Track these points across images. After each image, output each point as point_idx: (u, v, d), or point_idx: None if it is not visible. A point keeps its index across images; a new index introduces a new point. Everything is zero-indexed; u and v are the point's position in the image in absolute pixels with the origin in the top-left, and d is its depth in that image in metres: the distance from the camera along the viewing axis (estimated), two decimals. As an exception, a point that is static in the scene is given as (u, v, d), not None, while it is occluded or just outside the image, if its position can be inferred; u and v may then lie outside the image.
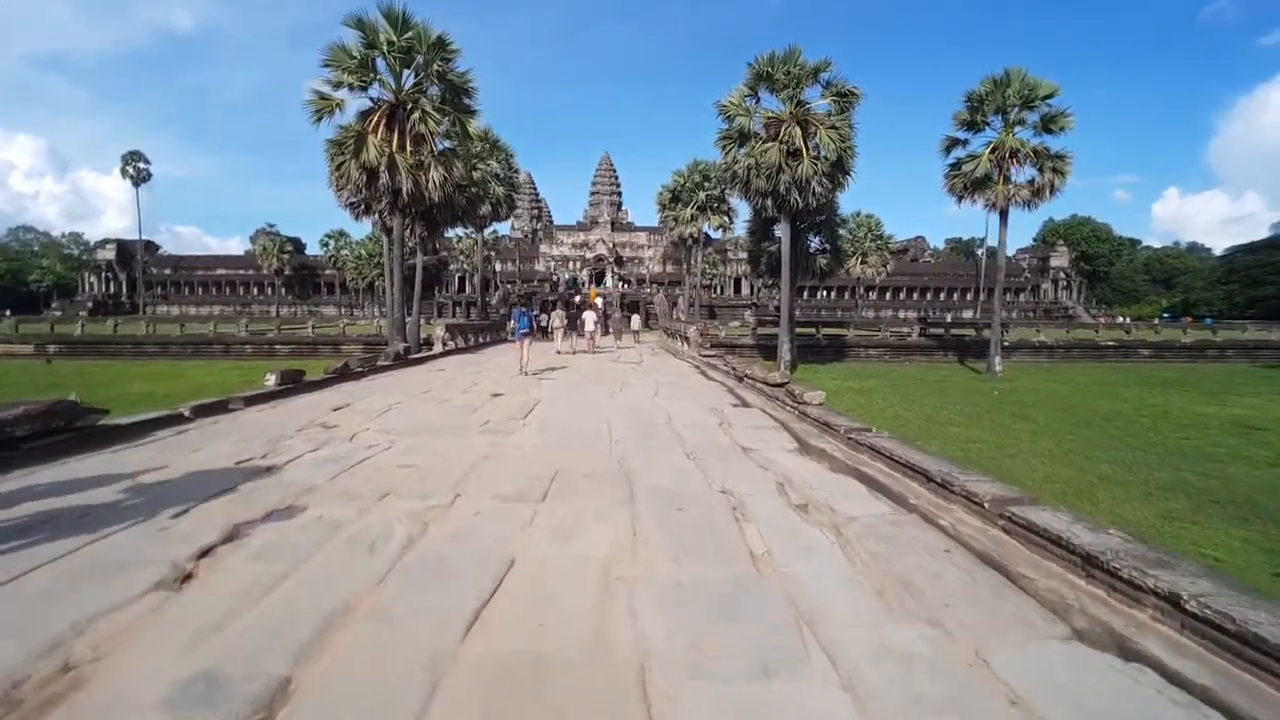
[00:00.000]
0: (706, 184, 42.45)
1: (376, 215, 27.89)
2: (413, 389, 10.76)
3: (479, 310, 44.24)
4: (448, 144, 24.08)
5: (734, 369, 12.49)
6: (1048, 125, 24.63)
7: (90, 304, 73.83)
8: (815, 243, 30.15)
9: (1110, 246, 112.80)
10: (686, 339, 20.77)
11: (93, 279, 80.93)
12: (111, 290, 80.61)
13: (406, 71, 21.66)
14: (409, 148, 21.38)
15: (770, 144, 22.46)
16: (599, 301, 52.85)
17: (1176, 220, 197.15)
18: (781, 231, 24.53)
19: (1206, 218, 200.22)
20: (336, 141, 21.18)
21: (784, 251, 24.29)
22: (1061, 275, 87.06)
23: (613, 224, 78.71)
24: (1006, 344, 35.14)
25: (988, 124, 26.03)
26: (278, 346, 33.76)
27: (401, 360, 15.15)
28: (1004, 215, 26.10)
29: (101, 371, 27.18)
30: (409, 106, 20.98)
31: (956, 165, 26.93)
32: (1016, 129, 25.46)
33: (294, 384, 10.25)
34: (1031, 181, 24.94)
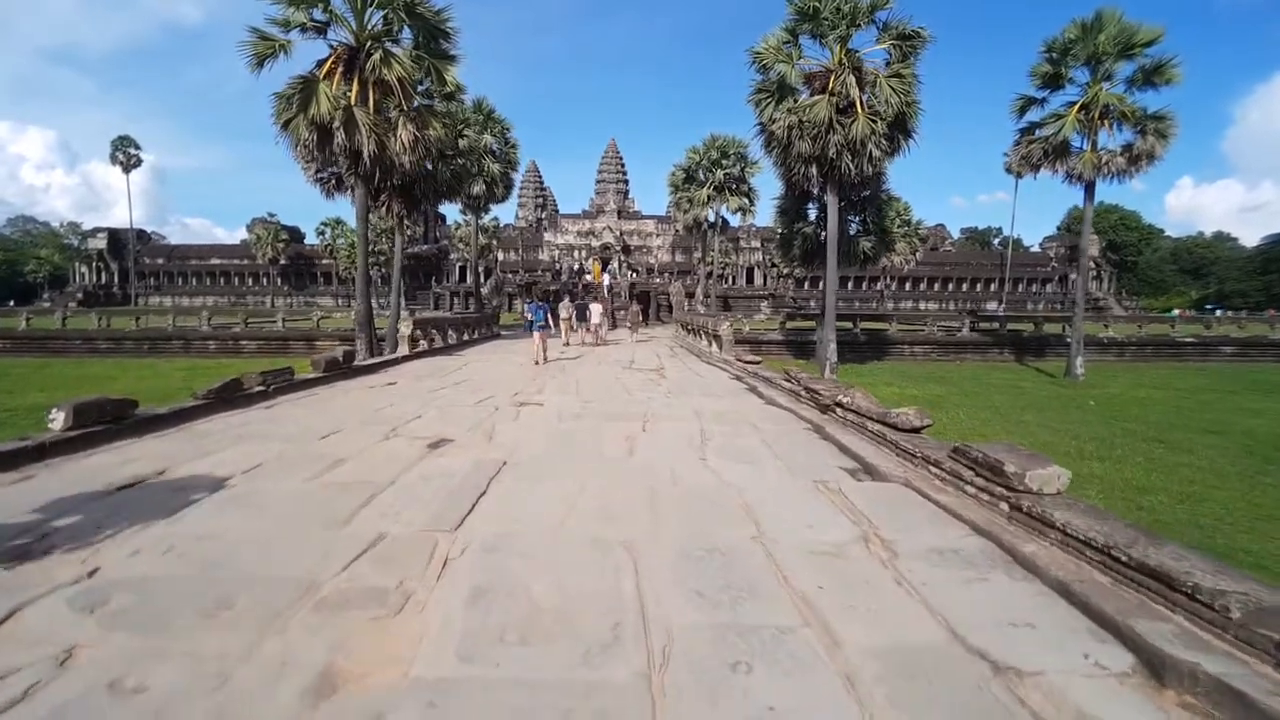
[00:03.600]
0: (725, 161, 38.06)
1: (350, 193, 23.92)
2: (309, 431, 6.68)
3: (475, 301, 40.12)
4: (424, 104, 20.08)
5: (808, 389, 8.38)
6: (1150, 78, 20.28)
7: (80, 295, 71.31)
8: (855, 224, 25.95)
9: (1139, 235, 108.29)
10: (716, 338, 16.63)
11: (84, 269, 78.08)
12: (103, 281, 78.22)
13: (370, 9, 17.54)
14: (372, 100, 17.31)
15: (819, 97, 18.22)
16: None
17: (1191, 210, 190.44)
18: (827, 207, 20.29)
19: (1222, 207, 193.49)
20: (284, 95, 17.03)
21: (830, 231, 20.09)
22: (1091, 265, 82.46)
23: (619, 212, 74.83)
24: (1070, 340, 30.84)
25: (1070, 80, 21.73)
26: (244, 342, 29.79)
27: (339, 370, 11.08)
28: (1090, 189, 21.83)
29: (29, 373, 23.28)
30: (370, 45, 16.89)
31: (1029, 129, 22.68)
32: (1104, 84, 21.15)
33: (111, 424, 6.22)
34: (1129, 147, 20.64)
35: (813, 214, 25.90)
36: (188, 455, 5.53)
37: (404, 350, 15.29)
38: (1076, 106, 20.95)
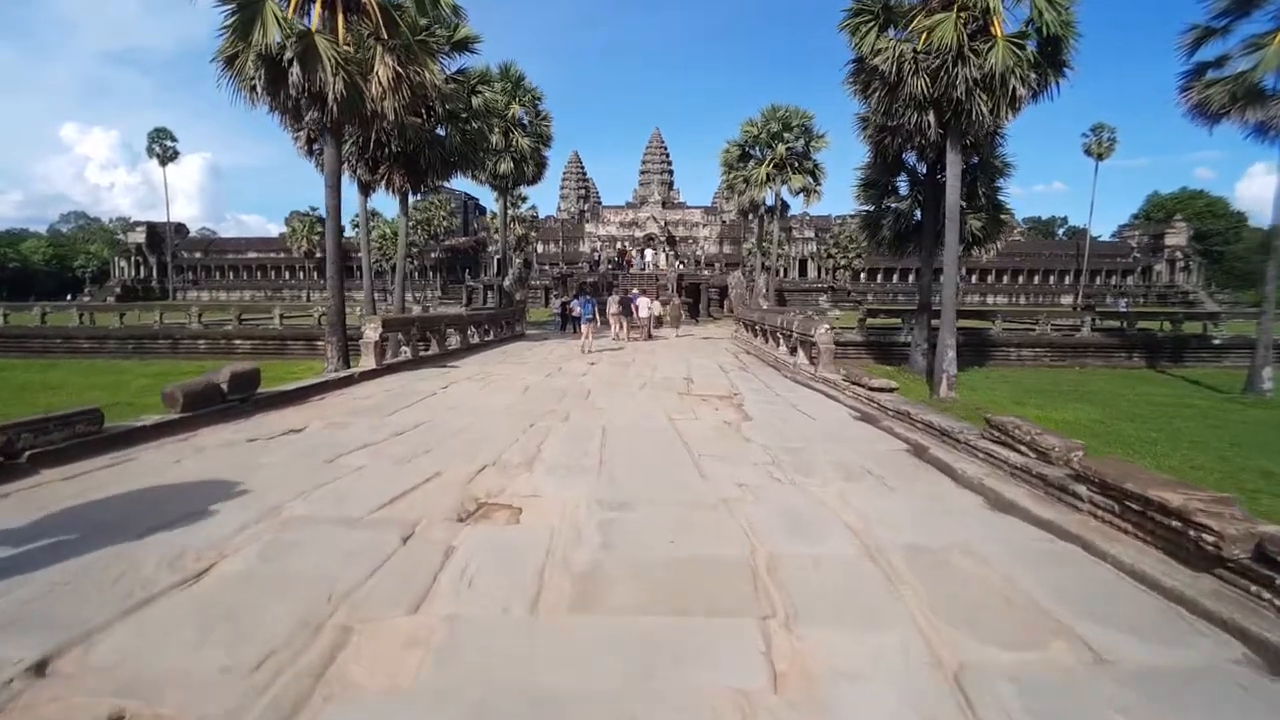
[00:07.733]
0: (787, 134, 32.96)
1: (349, 167, 19.85)
2: None
3: (502, 296, 35.90)
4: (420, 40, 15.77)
5: (1128, 494, 3.72)
6: (1395, -13, 14.77)
7: (119, 289, 70.60)
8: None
9: (1228, 223, 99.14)
10: (807, 345, 11.88)
11: (123, 263, 77.62)
12: (141, 275, 77.61)
13: (346, -89, 13.28)
14: (342, 28, 13.07)
15: (942, 15, 13.30)
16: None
17: (1264, 199, 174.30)
18: (947, 168, 15.29)
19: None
20: (229, 25, 12.85)
21: (949, 200, 15.08)
22: (1178, 255, 74.78)
23: (664, 202, 70.61)
24: (1218, 342, 25.17)
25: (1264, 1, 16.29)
26: (237, 342, 26.11)
27: (219, 405, 6.78)
28: (1294, 144, 16.36)
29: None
30: (335, -49, 12.61)
31: (1199, 70, 17.29)
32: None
33: None
34: (1358, 85, 15.16)
35: (904, 188, 20.87)
36: None
37: (370, 362, 10.94)
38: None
